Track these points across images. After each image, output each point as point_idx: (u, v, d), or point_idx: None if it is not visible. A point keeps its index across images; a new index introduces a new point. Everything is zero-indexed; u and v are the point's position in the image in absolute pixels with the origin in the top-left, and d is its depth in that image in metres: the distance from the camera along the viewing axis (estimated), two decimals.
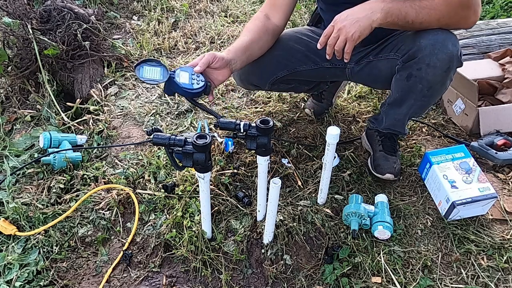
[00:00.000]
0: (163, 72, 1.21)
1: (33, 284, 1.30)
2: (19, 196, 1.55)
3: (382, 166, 1.55)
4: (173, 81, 1.21)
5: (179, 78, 1.22)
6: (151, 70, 1.20)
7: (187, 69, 1.24)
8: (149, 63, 1.22)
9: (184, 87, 1.21)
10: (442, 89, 1.39)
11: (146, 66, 1.21)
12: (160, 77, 1.20)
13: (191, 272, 1.33)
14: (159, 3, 2.89)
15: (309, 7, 3.13)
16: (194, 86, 1.22)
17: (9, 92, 2.04)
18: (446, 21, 1.23)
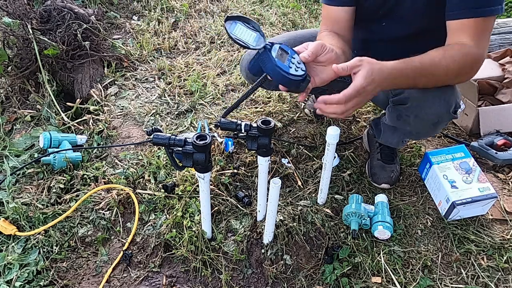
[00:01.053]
0: (259, 39, 0.99)
1: (33, 284, 1.30)
2: (19, 196, 1.55)
3: (378, 175, 1.57)
4: (268, 54, 0.96)
5: (275, 54, 0.97)
6: (245, 31, 0.98)
7: (287, 49, 1.00)
8: (245, 22, 1.00)
9: (280, 66, 0.95)
10: (431, 135, 1.42)
11: (241, 25, 0.99)
12: (254, 42, 0.97)
13: (191, 272, 1.33)
14: (159, 3, 2.88)
15: (309, 7, 3.13)
16: (291, 71, 0.95)
17: (9, 92, 2.04)
18: (451, 82, 1.18)
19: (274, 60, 0.95)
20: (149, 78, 2.20)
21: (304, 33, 1.59)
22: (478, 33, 1.09)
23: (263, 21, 2.79)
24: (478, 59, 1.11)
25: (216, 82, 2.14)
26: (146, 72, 2.25)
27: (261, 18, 2.83)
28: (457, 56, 1.07)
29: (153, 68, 2.28)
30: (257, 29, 1.01)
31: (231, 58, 2.35)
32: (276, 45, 0.99)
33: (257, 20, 2.81)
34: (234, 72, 2.23)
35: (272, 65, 0.95)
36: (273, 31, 2.69)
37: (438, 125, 1.30)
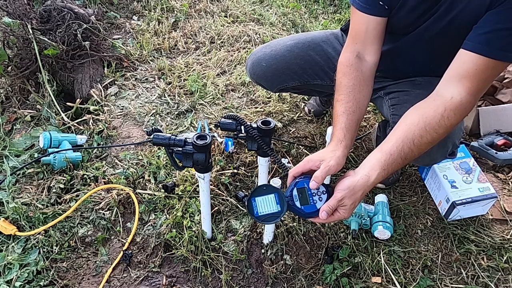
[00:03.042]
0: (278, 198, 0.99)
1: (33, 284, 1.30)
2: (19, 196, 1.55)
3: None
4: (293, 208, 0.99)
5: (297, 201, 0.98)
6: (265, 200, 0.99)
7: (302, 185, 0.99)
8: (259, 192, 1.00)
9: (308, 212, 0.98)
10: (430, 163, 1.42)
11: (259, 198, 0.99)
12: (277, 207, 0.98)
13: (191, 272, 1.33)
14: (159, 3, 2.88)
15: (309, 7, 3.13)
16: (317, 206, 0.98)
17: (9, 92, 2.04)
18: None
19: (301, 210, 0.98)
20: (149, 78, 2.20)
21: (328, 36, 1.49)
22: (483, 77, 0.98)
23: (263, 21, 2.79)
24: (467, 108, 1.00)
25: (216, 82, 2.14)
26: (146, 72, 2.25)
27: (261, 18, 2.83)
28: (439, 124, 0.98)
29: (153, 68, 2.28)
30: (272, 187, 1.00)
31: (231, 58, 2.35)
32: (294, 191, 0.99)
33: (257, 20, 2.81)
34: (234, 72, 2.23)
35: (304, 214, 0.99)
36: (273, 31, 2.69)
37: (433, 163, 1.36)
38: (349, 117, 1.08)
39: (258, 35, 2.58)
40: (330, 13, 3.11)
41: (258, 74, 1.51)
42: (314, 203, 0.98)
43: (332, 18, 3.01)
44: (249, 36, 2.55)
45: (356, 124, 1.09)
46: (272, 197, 0.99)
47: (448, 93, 0.99)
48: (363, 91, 1.14)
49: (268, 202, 0.99)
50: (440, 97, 1.00)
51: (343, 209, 0.95)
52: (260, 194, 0.99)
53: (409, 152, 0.97)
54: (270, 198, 0.99)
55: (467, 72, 0.97)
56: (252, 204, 0.98)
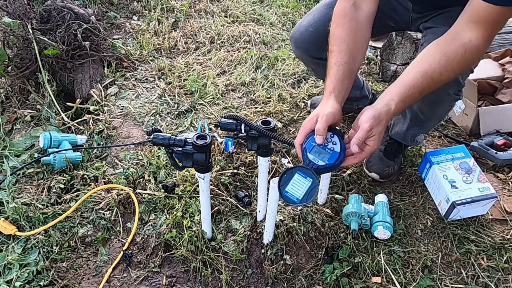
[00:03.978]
0: (303, 172, 0.98)
1: (33, 284, 1.30)
2: (19, 196, 1.55)
3: (372, 164, 1.59)
4: (321, 169, 0.99)
5: (319, 161, 0.98)
6: (294, 184, 0.98)
7: (310, 145, 0.99)
8: (284, 182, 0.98)
9: (334, 161, 0.98)
10: (434, 119, 1.43)
11: (288, 186, 0.98)
12: (308, 180, 0.98)
13: (191, 272, 1.33)
14: (159, 3, 2.88)
15: (309, 7, 3.13)
16: (337, 149, 0.98)
17: (9, 92, 2.04)
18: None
19: (328, 165, 0.98)
20: (149, 78, 2.20)
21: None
22: (498, 24, 1.01)
23: (263, 21, 2.79)
24: (481, 53, 1.05)
25: (216, 82, 2.14)
26: (146, 72, 2.25)
27: (261, 18, 2.83)
28: (458, 64, 1.02)
29: (153, 68, 2.28)
30: (290, 171, 0.98)
31: (231, 58, 2.35)
32: (309, 155, 0.98)
33: (257, 20, 2.81)
34: (234, 72, 2.23)
35: (332, 166, 0.99)
36: (273, 31, 2.69)
37: (438, 106, 1.33)
38: (340, 68, 1.08)
39: (258, 35, 2.58)
40: None
41: (307, 41, 1.47)
42: (332, 150, 0.98)
43: None
44: (249, 36, 2.55)
45: (349, 75, 1.09)
46: (298, 176, 0.97)
47: (467, 35, 1.00)
48: (358, 41, 1.13)
49: (298, 182, 0.97)
50: (459, 38, 1.01)
51: (372, 140, 0.98)
52: (287, 182, 0.97)
53: (426, 87, 1.01)
54: (297, 178, 0.97)
55: (483, 19, 0.99)
56: (287, 197, 0.97)
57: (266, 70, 2.26)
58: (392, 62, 2.22)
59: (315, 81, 2.19)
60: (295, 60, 2.35)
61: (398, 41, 2.15)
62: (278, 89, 2.10)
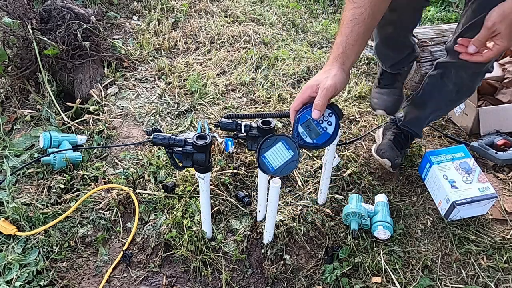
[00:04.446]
0: (287, 143, 0.94)
1: (33, 284, 1.30)
2: (19, 196, 1.55)
3: (384, 151, 1.59)
4: (306, 145, 0.96)
5: (307, 137, 0.94)
6: (274, 152, 0.94)
7: (305, 117, 0.94)
8: (265, 145, 0.94)
9: (323, 142, 0.95)
10: (468, 94, 1.41)
11: (268, 152, 0.94)
12: (289, 152, 0.93)
13: (191, 272, 1.33)
14: (159, 3, 2.88)
15: (309, 7, 3.13)
16: (329, 131, 0.94)
17: (9, 92, 2.04)
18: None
19: (314, 144, 0.94)
20: (149, 78, 2.20)
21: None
22: None
23: (263, 21, 2.79)
24: None
25: (216, 82, 2.14)
26: (146, 72, 2.24)
27: (261, 18, 2.83)
28: None
29: (153, 68, 2.28)
30: (274, 138, 0.94)
31: (231, 58, 2.35)
32: (299, 128, 0.94)
33: (257, 20, 2.81)
34: (234, 72, 2.23)
35: (320, 145, 0.95)
36: (273, 31, 2.69)
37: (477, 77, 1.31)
38: (355, 28, 0.93)
39: (258, 35, 2.58)
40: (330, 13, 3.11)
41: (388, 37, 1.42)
42: (325, 130, 0.92)
43: (332, 18, 3.01)
44: (249, 36, 2.55)
45: (362, 37, 0.95)
46: (281, 145, 0.93)
47: None
48: (379, 9, 0.96)
49: (278, 151, 0.93)
50: None
51: (499, 39, 0.86)
52: (268, 147, 0.93)
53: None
54: (279, 147, 0.93)
55: None
56: (264, 162, 0.93)
57: (266, 70, 2.26)
58: None
59: None
60: (295, 60, 2.35)
61: None
62: (278, 89, 2.10)
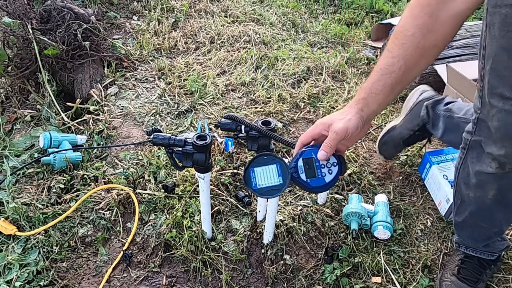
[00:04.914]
0: (281, 169, 0.89)
1: (33, 284, 1.30)
2: (19, 196, 1.55)
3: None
4: (298, 181, 0.89)
5: (303, 173, 0.88)
6: (265, 171, 0.88)
7: (309, 155, 0.89)
8: (259, 161, 0.89)
9: (315, 186, 0.89)
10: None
11: (258, 168, 0.88)
12: (279, 179, 0.88)
13: (191, 272, 1.33)
14: (159, 3, 2.88)
15: (309, 7, 3.13)
16: (326, 179, 0.88)
17: (9, 92, 2.04)
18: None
19: (306, 183, 0.87)
20: (149, 78, 2.20)
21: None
22: None
23: (263, 21, 2.79)
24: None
25: (216, 82, 2.14)
26: (146, 72, 2.25)
27: (261, 18, 2.83)
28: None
29: (153, 68, 2.28)
30: (273, 157, 0.88)
31: (231, 58, 2.35)
32: (299, 161, 0.88)
33: (257, 20, 2.81)
34: (234, 72, 2.23)
35: (310, 189, 0.88)
36: (273, 31, 2.69)
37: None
38: (382, 78, 0.85)
39: (258, 35, 2.58)
40: (330, 13, 3.11)
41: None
42: (323, 176, 0.86)
43: (332, 18, 3.01)
44: (249, 36, 2.55)
45: (389, 89, 0.85)
46: (274, 167, 0.88)
47: None
48: (426, 47, 0.82)
49: (269, 173, 0.88)
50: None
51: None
52: (260, 164, 0.88)
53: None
54: (271, 169, 0.87)
55: None
56: (250, 175, 0.87)
57: (266, 70, 2.26)
58: None
59: (315, 81, 2.19)
60: (295, 60, 2.35)
61: None
62: (278, 89, 2.10)
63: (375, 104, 0.87)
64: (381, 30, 2.70)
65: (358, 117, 0.86)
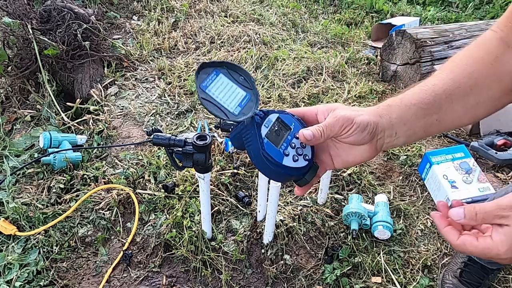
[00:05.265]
0: (247, 102, 0.63)
1: (33, 284, 1.30)
2: (19, 196, 1.54)
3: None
4: (252, 131, 0.61)
5: (268, 130, 0.62)
6: (227, 85, 0.62)
7: (290, 121, 0.64)
8: (229, 70, 0.63)
9: (267, 154, 0.59)
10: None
11: (223, 75, 0.62)
12: (237, 108, 0.61)
13: (191, 272, 1.33)
14: (159, 3, 2.88)
15: (309, 7, 3.13)
16: (285, 161, 0.61)
17: (9, 92, 2.04)
18: None
19: (261, 141, 0.60)
20: (149, 78, 2.20)
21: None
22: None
23: (263, 21, 2.79)
24: None
25: None
26: (146, 72, 2.24)
27: (261, 18, 2.83)
28: None
29: (153, 68, 2.28)
30: (249, 84, 0.64)
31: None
32: (273, 114, 0.63)
33: (257, 20, 2.81)
34: None
35: (256, 148, 0.60)
36: (273, 31, 2.69)
37: None
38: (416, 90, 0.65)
39: (258, 35, 2.58)
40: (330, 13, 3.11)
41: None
42: (285, 153, 0.61)
43: (332, 18, 3.01)
44: (249, 36, 2.55)
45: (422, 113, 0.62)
46: (242, 94, 0.63)
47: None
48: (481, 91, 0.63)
49: (231, 92, 0.62)
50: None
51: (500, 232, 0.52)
52: (230, 76, 0.63)
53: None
54: (237, 92, 0.63)
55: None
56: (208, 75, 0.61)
57: (266, 70, 2.26)
58: (392, 62, 2.22)
59: (315, 81, 2.19)
60: (295, 60, 2.35)
61: (398, 41, 2.15)
62: (278, 89, 2.10)
63: (398, 120, 0.61)
64: (381, 30, 2.70)
65: (372, 121, 0.60)
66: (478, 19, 2.99)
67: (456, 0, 3.26)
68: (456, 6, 3.24)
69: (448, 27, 2.19)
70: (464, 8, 3.20)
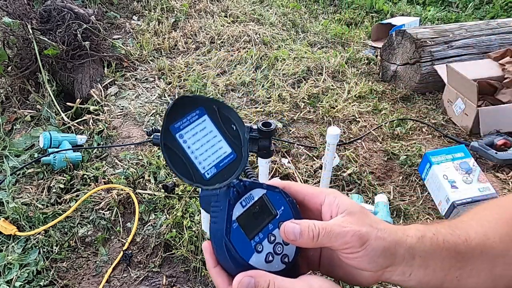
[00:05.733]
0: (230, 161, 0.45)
1: (33, 284, 1.30)
2: (19, 196, 1.54)
3: None
4: (224, 209, 0.43)
5: (241, 211, 0.43)
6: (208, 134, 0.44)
7: (278, 204, 0.46)
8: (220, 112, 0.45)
9: (234, 246, 0.41)
10: None
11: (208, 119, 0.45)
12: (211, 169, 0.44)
13: (191, 272, 1.33)
14: (159, 3, 2.88)
15: (309, 7, 3.13)
16: (252, 261, 0.42)
17: (9, 92, 2.04)
18: None
19: (228, 227, 0.42)
20: (149, 78, 2.20)
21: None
22: None
23: (263, 21, 2.79)
24: None
25: (216, 82, 2.14)
26: (146, 72, 2.24)
27: (261, 18, 2.83)
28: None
29: (153, 68, 2.28)
30: (239, 140, 0.46)
31: (231, 58, 2.35)
32: (258, 190, 0.46)
33: (257, 20, 2.81)
34: (234, 72, 2.23)
35: (219, 232, 0.42)
36: (273, 31, 2.69)
37: None
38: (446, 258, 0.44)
39: (258, 35, 2.58)
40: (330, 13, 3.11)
41: None
42: (257, 249, 0.43)
43: (332, 18, 3.01)
44: (249, 36, 2.55)
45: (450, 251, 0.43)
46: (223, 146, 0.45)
47: None
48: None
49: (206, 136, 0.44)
50: None
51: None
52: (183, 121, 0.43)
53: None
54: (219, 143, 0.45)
55: None
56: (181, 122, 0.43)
57: (266, 70, 2.26)
58: (392, 62, 2.22)
59: (315, 81, 2.19)
60: (295, 60, 2.35)
61: (398, 41, 2.15)
62: (278, 89, 2.10)
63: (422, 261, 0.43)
64: (381, 30, 2.70)
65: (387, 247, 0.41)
66: (478, 19, 2.99)
67: (456, 0, 3.26)
68: (456, 6, 3.24)
69: (448, 27, 2.19)
70: (464, 8, 3.20)
